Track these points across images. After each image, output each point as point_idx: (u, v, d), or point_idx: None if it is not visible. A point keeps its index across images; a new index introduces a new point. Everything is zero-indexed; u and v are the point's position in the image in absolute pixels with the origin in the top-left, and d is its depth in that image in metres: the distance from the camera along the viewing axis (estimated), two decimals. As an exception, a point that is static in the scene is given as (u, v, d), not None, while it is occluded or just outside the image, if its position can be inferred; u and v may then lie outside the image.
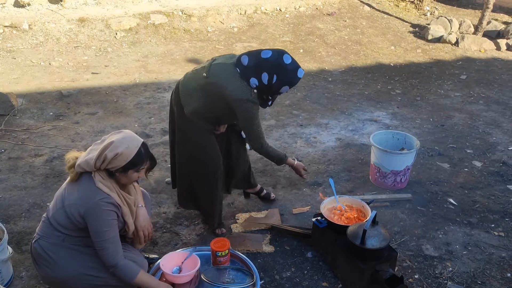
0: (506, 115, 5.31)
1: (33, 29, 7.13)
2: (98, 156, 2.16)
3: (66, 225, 2.22)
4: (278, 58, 2.70)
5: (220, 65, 2.81)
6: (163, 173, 3.89)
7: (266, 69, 2.69)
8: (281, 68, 2.69)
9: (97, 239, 2.18)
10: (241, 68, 2.72)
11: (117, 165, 2.19)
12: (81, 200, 2.18)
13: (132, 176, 2.27)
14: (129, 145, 2.19)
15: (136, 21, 7.66)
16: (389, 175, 3.66)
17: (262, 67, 2.70)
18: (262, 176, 3.86)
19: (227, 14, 8.35)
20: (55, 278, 2.27)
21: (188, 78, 2.96)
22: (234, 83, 2.71)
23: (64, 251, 2.24)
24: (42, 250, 2.25)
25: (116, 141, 2.17)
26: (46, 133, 4.52)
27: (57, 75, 5.98)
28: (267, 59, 2.70)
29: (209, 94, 2.81)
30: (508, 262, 2.96)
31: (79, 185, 2.22)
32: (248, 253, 2.91)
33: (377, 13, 9.22)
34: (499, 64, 7.13)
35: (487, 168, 4.13)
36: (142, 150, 2.25)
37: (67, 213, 2.19)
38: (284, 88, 2.76)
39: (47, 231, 2.26)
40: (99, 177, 2.20)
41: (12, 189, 3.61)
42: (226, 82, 2.73)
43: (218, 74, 2.78)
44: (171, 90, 5.66)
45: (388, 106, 5.49)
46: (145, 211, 2.51)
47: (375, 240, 2.53)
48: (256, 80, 2.71)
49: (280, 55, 2.71)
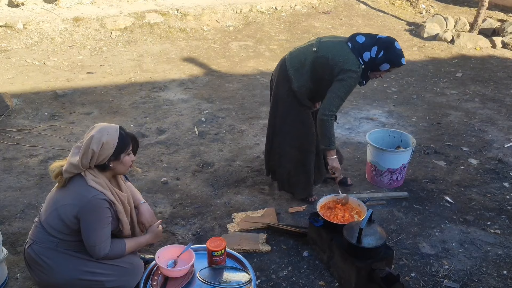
0: (502, 112, 5.32)
1: (27, 28, 7.10)
2: (84, 153, 2.15)
3: (59, 228, 2.20)
4: (391, 40, 2.99)
5: (330, 42, 3.07)
6: (159, 173, 3.87)
7: (378, 44, 2.97)
8: (390, 47, 2.96)
9: (87, 236, 2.18)
10: (355, 44, 2.98)
11: (107, 155, 2.18)
12: (75, 199, 2.16)
13: (126, 161, 2.28)
14: (109, 132, 2.19)
15: (131, 20, 7.63)
16: (385, 173, 3.66)
17: (375, 43, 2.98)
18: (258, 175, 3.86)
19: (223, 13, 8.33)
20: (50, 283, 2.25)
21: (295, 55, 3.18)
22: (346, 55, 2.96)
23: (59, 256, 2.22)
24: (36, 255, 2.23)
25: (95, 134, 2.17)
26: (41, 133, 4.50)
27: (52, 75, 5.95)
28: (381, 38, 3.00)
29: (318, 68, 3.05)
30: (504, 260, 2.96)
31: (70, 187, 2.21)
32: (244, 252, 2.90)
33: (372, 11, 9.22)
34: (494, 62, 7.15)
35: (483, 166, 4.14)
36: (123, 132, 2.26)
37: (60, 215, 2.18)
38: (385, 65, 2.98)
39: (40, 236, 2.24)
40: (90, 175, 2.19)
41: (7, 189, 3.59)
42: (337, 54, 2.98)
43: (329, 48, 3.03)
44: (166, 89, 5.66)
45: (384, 104, 5.50)
46: (148, 207, 2.54)
47: (371, 238, 2.52)
48: (368, 54, 2.97)
49: (394, 40, 3.01)
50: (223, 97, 5.52)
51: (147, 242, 2.50)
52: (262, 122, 4.87)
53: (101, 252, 2.23)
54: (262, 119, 4.94)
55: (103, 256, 2.25)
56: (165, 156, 4.17)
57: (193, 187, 3.69)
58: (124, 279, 2.35)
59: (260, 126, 4.79)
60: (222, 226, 3.22)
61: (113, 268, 2.31)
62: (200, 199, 3.55)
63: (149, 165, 4.00)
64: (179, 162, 4.06)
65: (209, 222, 3.27)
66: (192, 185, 3.72)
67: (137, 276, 2.41)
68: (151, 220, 2.52)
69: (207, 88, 5.80)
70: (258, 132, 4.67)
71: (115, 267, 2.32)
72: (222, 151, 4.28)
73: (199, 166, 4.01)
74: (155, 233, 2.52)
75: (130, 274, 2.38)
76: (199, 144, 4.40)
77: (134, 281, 2.39)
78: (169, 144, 4.38)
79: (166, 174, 3.87)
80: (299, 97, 3.15)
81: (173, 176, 3.84)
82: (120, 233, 2.37)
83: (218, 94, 5.62)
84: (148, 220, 2.51)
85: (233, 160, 4.11)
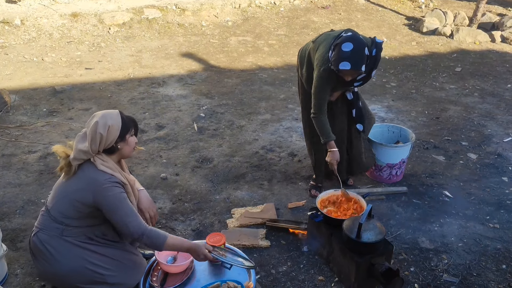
0: (501, 107, 5.32)
1: (25, 24, 7.07)
2: (92, 138, 2.19)
3: (67, 213, 2.21)
4: (343, 40, 2.84)
5: (327, 35, 3.08)
6: (158, 169, 3.87)
7: (334, 44, 2.91)
8: (336, 47, 2.86)
9: (116, 217, 2.19)
10: (335, 39, 2.94)
11: (114, 137, 2.24)
12: (88, 184, 2.19)
13: (131, 142, 2.34)
14: (112, 116, 2.25)
15: (129, 15, 7.60)
16: (384, 168, 3.66)
17: (334, 42, 2.91)
18: (257, 171, 3.86)
19: (221, 8, 8.30)
20: (52, 273, 2.26)
21: (306, 44, 3.30)
22: (322, 51, 2.97)
23: (63, 244, 2.23)
24: (40, 243, 2.24)
25: (99, 120, 2.21)
26: (39, 129, 4.49)
27: (50, 71, 5.93)
28: (339, 37, 2.91)
29: (310, 59, 3.13)
30: (503, 254, 2.97)
31: (80, 173, 2.23)
32: (244, 248, 2.90)
33: (371, 6, 9.19)
34: (493, 56, 7.14)
35: (482, 160, 4.14)
36: (123, 115, 2.32)
37: (71, 201, 2.20)
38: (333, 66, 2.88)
39: (45, 223, 2.26)
40: (99, 160, 2.23)
41: (6, 186, 3.59)
42: (319, 49, 3.01)
43: (320, 41, 3.05)
44: (165, 85, 5.65)
45: (383, 99, 5.49)
46: (146, 193, 2.56)
47: (371, 233, 2.53)
48: (330, 52, 2.93)
49: (345, 40, 2.84)
50: (222, 93, 5.51)
51: (189, 248, 2.32)
52: (261, 118, 4.86)
53: (136, 229, 2.19)
54: (261, 115, 4.93)
55: (141, 233, 2.19)
56: (164, 151, 4.16)
57: (192, 183, 3.69)
58: (126, 276, 2.35)
59: (259, 121, 4.78)
60: (221, 222, 3.22)
61: (116, 264, 2.31)
62: (199, 194, 3.55)
63: (148, 160, 4.00)
64: (178, 158, 4.06)
65: (208, 218, 3.27)
66: (192, 181, 3.72)
67: (139, 275, 2.41)
68: (148, 207, 2.52)
69: (206, 83, 5.78)
70: (257, 127, 4.66)
71: (118, 263, 2.32)
72: (221, 146, 4.27)
73: (198, 161, 4.01)
74: (200, 248, 2.33)
75: (132, 272, 2.38)
76: (198, 139, 4.39)
77: (135, 279, 2.39)
78: (168, 140, 4.37)
79: (166, 169, 3.87)
80: (305, 84, 3.25)
81: (172, 172, 3.84)
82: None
83: (217, 89, 5.61)
84: (146, 207, 2.51)
85: (232, 156, 4.11)
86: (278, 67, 6.44)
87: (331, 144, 3.14)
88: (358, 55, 2.81)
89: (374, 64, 2.99)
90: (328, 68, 2.92)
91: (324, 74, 2.94)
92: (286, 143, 4.36)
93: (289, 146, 4.31)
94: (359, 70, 2.85)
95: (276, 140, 4.42)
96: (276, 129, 4.64)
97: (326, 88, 3.01)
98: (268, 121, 4.81)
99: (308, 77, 3.18)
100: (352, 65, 2.79)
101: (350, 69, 2.81)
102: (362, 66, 2.84)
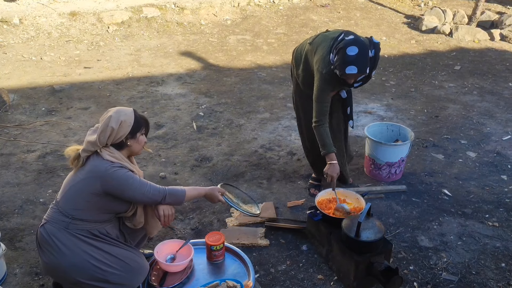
0: (500, 105, 5.32)
1: (24, 23, 7.06)
2: (102, 130, 2.22)
3: (75, 204, 2.23)
4: (347, 43, 2.78)
5: (324, 36, 3.03)
6: (157, 168, 3.87)
7: (336, 47, 2.84)
8: (340, 51, 2.80)
9: (130, 192, 2.23)
10: (335, 42, 2.88)
11: (124, 132, 2.27)
12: (94, 172, 2.21)
13: (141, 140, 2.37)
14: (126, 112, 2.30)
15: (128, 14, 7.59)
16: (383, 167, 3.66)
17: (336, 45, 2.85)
18: (256, 169, 3.85)
19: (220, 7, 8.29)
20: (57, 265, 2.26)
21: (301, 44, 3.27)
22: (322, 54, 2.92)
23: (69, 237, 2.24)
24: (47, 234, 2.25)
25: (113, 114, 2.25)
26: (38, 128, 4.48)
27: (49, 70, 5.93)
28: (340, 40, 2.85)
29: (307, 60, 3.10)
30: (503, 252, 2.97)
31: (87, 164, 2.25)
32: (243, 246, 2.90)
33: (371, 4, 9.18)
34: (493, 55, 7.13)
35: (481, 159, 4.14)
36: (137, 113, 2.36)
37: (78, 190, 2.22)
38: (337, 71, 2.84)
39: (53, 215, 2.28)
40: (106, 151, 2.25)
41: (5, 185, 3.58)
42: (317, 52, 2.96)
43: (318, 43, 3.01)
44: (164, 84, 5.64)
45: (383, 97, 5.49)
46: None
47: (370, 232, 2.53)
48: (332, 56, 2.89)
49: (349, 43, 2.78)
50: (221, 92, 5.50)
51: (206, 194, 2.54)
52: (259, 116, 4.86)
53: (156, 193, 2.31)
54: (260, 113, 4.93)
55: (163, 195, 2.32)
56: (163, 150, 4.16)
57: (191, 182, 3.69)
58: (128, 276, 2.34)
59: (258, 120, 4.78)
60: (220, 221, 3.22)
61: (120, 263, 2.30)
62: (198, 193, 3.54)
63: (147, 159, 3.99)
64: (177, 157, 4.06)
65: (207, 217, 3.27)
66: (191, 180, 3.72)
67: (141, 277, 2.39)
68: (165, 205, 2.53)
69: (205, 82, 5.78)
70: (256, 126, 4.66)
71: (122, 263, 2.31)
72: (220, 145, 4.27)
73: (198, 160, 4.01)
74: (215, 193, 2.56)
75: (135, 273, 2.36)
76: (197, 138, 4.39)
77: (137, 281, 2.37)
78: (167, 139, 4.37)
79: (164, 168, 3.87)
80: (301, 85, 3.25)
81: (171, 171, 3.83)
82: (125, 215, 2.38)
83: (216, 88, 5.60)
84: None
85: (231, 155, 4.11)
86: (277, 65, 6.44)
87: (331, 156, 3.05)
88: (364, 58, 2.81)
89: (374, 64, 2.98)
90: (330, 71, 2.90)
91: (327, 77, 2.92)
92: (285, 142, 4.36)
93: (288, 144, 4.31)
94: (365, 73, 2.87)
95: (275, 138, 4.42)
96: (275, 128, 4.64)
97: (328, 91, 3.00)
98: (267, 120, 4.81)
99: (305, 78, 3.17)
100: (359, 69, 2.80)
101: (357, 73, 2.81)
102: (367, 68, 2.85)
